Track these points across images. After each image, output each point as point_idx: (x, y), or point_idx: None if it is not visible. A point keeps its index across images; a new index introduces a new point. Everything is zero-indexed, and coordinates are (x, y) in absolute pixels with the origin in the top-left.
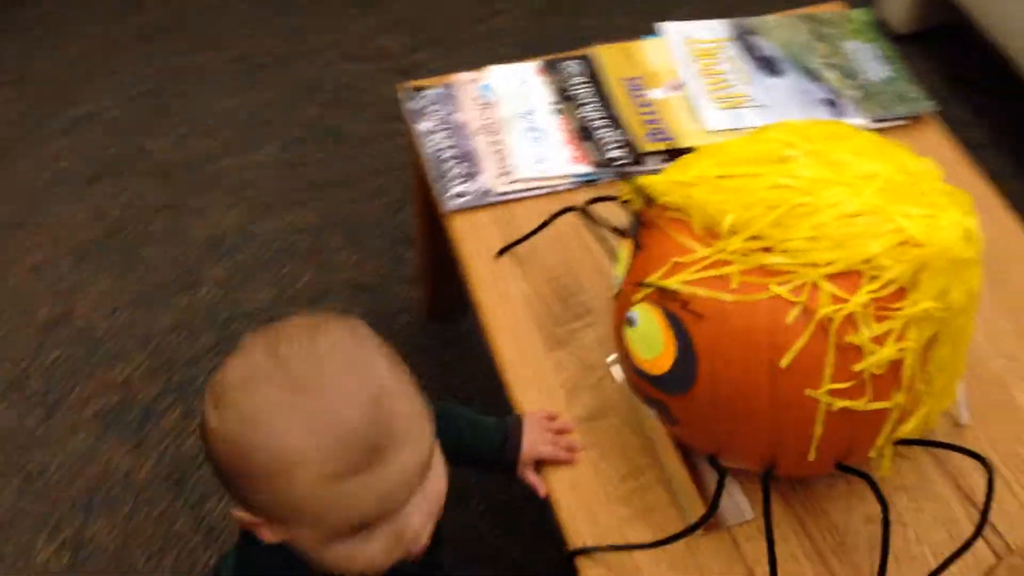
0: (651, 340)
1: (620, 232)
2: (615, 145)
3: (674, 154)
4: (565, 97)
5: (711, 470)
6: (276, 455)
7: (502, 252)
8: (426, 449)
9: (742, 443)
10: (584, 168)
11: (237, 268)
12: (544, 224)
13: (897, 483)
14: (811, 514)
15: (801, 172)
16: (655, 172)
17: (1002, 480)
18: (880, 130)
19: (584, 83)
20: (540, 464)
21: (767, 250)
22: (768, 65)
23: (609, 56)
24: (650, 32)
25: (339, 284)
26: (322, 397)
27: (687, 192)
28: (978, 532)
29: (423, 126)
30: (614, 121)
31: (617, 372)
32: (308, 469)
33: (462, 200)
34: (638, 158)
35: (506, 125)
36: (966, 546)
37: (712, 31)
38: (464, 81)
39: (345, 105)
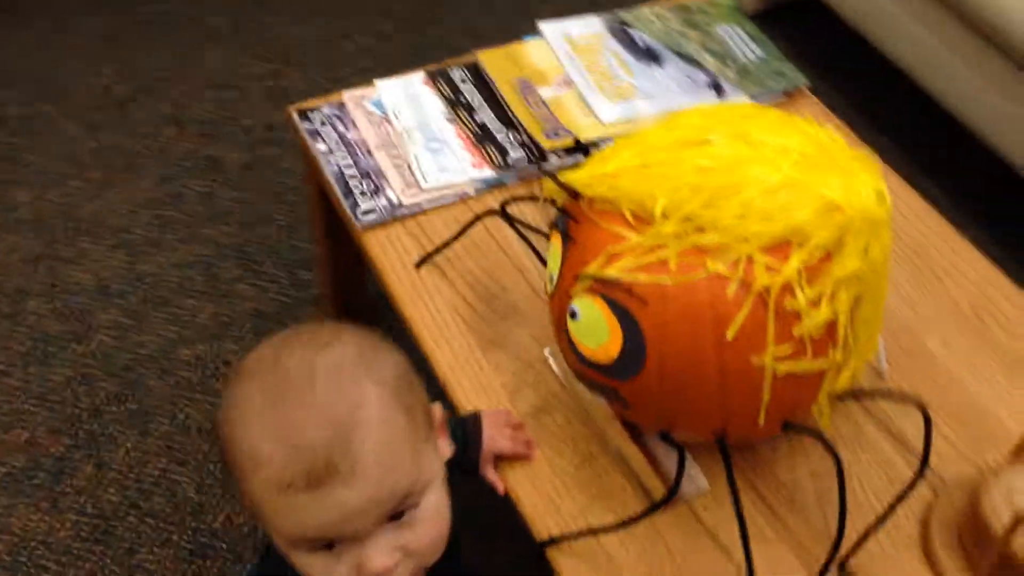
0: (596, 330)
1: (542, 232)
2: (515, 146)
3: (574, 150)
4: (457, 105)
5: (662, 446)
6: (241, 449)
7: (421, 263)
8: (386, 494)
9: (694, 417)
10: (488, 172)
11: (130, 311)
12: (462, 231)
13: (834, 436)
14: (760, 477)
15: (722, 153)
16: (560, 169)
17: None
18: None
19: (474, 88)
20: (497, 461)
21: (700, 230)
22: (649, 55)
23: (494, 60)
24: (504, 38)
25: (242, 315)
26: (295, 409)
27: (612, 183)
28: (920, 472)
29: (320, 147)
30: (509, 123)
31: (555, 364)
32: (260, 472)
33: (373, 216)
34: (540, 157)
35: (403, 138)
36: (911, 486)
37: (589, 26)
38: (353, 98)
39: (217, 135)
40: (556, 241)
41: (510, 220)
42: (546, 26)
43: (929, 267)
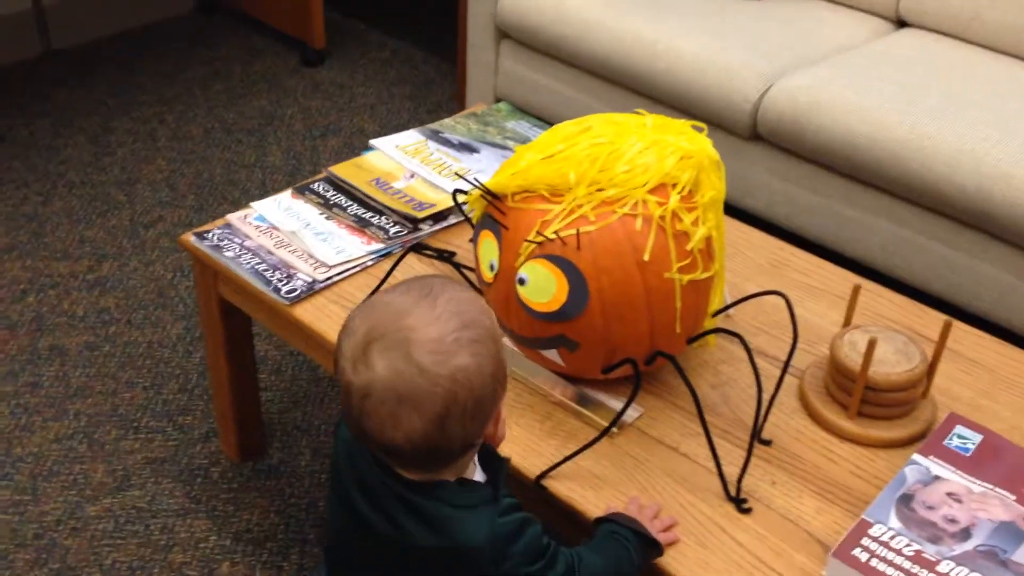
0: (545, 284)
1: (449, 260)
2: (391, 224)
3: (441, 215)
4: (329, 206)
5: (598, 392)
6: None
7: None
8: None
9: (631, 337)
10: (378, 245)
11: (21, 488)
12: (386, 277)
13: (716, 355)
14: (675, 394)
15: (602, 132)
16: (432, 233)
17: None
18: None
19: (337, 193)
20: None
21: (602, 189)
22: (466, 148)
23: (346, 171)
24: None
25: (136, 466)
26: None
27: (526, 175)
28: (794, 343)
29: (228, 254)
30: (378, 211)
31: None
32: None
33: (296, 293)
34: (415, 226)
35: (295, 236)
36: (788, 361)
37: (410, 138)
38: (237, 218)
39: (47, 327)
40: (488, 238)
41: (428, 254)
42: (377, 142)
43: (732, 245)
